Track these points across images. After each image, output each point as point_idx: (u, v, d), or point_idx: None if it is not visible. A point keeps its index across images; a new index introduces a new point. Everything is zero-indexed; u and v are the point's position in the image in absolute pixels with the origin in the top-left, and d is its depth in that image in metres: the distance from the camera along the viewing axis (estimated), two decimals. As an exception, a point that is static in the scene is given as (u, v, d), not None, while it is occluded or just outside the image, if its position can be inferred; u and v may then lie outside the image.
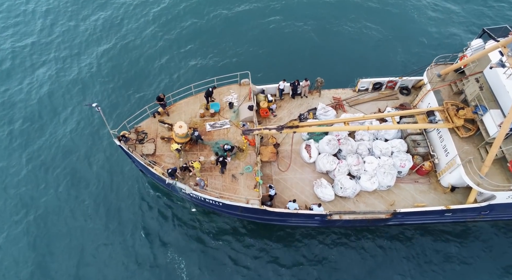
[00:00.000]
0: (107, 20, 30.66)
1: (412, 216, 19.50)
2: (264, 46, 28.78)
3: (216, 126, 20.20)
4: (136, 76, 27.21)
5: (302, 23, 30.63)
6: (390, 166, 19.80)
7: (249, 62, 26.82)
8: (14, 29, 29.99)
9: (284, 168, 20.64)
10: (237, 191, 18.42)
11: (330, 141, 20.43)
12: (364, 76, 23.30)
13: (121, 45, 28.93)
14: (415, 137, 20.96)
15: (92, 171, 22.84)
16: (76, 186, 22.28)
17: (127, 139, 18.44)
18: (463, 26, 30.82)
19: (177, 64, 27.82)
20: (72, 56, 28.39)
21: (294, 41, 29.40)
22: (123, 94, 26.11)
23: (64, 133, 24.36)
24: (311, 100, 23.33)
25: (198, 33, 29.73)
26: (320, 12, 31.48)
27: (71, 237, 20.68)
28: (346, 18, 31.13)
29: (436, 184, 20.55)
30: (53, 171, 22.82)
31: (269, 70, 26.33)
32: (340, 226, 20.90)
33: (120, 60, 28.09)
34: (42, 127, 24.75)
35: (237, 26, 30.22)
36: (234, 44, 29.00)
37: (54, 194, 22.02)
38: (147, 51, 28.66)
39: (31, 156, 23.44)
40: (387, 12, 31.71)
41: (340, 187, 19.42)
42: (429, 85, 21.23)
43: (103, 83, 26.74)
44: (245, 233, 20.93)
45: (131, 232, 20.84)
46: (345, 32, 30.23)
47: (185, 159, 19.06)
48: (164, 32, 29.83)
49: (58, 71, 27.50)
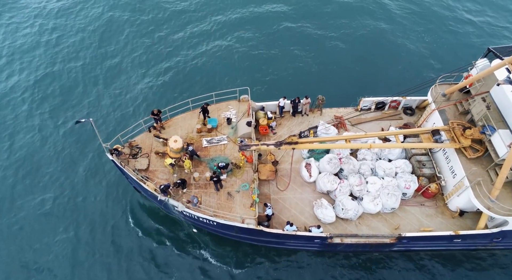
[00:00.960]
0: (106, 30, 30.95)
1: (419, 241, 18.29)
2: (264, 63, 28.60)
3: (213, 142, 19.55)
4: (132, 89, 26.88)
5: (304, 41, 30.63)
6: (394, 187, 18.84)
7: (249, 79, 26.59)
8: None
9: (283, 187, 19.74)
10: (233, 209, 17.49)
11: (331, 159, 19.62)
12: (367, 95, 22.82)
13: (122, 58, 28.93)
14: (420, 157, 20.10)
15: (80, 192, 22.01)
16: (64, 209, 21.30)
17: (120, 153, 17.80)
18: (468, 46, 30.70)
19: (175, 78, 27.53)
20: (66, 67, 28.34)
21: (295, 58, 29.24)
22: (118, 107, 25.65)
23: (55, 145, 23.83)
24: (312, 119, 22.73)
25: (197, 47, 29.74)
26: (322, 29, 31.58)
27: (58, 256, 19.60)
28: (348, 36, 31.16)
29: (443, 207, 19.44)
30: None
31: (270, 87, 26.07)
32: (342, 251, 19.64)
33: (118, 73, 27.95)
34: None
35: (238, 41, 30.25)
36: (235, 59, 28.84)
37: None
38: (144, 64, 28.58)
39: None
40: (390, 32, 31.76)
41: (341, 208, 18.39)
42: (433, 104, 20.62)
43: (97, 96, 26.37)
44: (245, 256, 19.68)
45: (125, 254, 19.72)
46: (347, 50, 30.12)
47: (179, 175, 18.29)
48: (163, 43, 29.92)
49: (51, 81, 27.37)
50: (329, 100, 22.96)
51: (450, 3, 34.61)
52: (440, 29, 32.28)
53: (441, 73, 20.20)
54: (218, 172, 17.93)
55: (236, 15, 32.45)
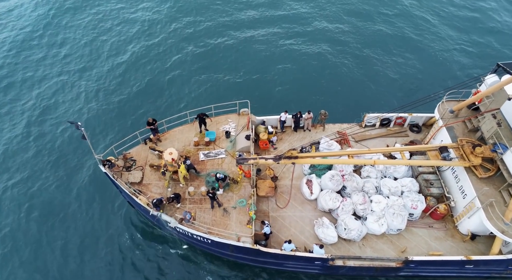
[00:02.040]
0: (104, 41, 31.06)
1: (427, 266, 17.02)
2: (266, 76, 28.19)
3: (211, 155, 18.86)
4: (129, 100, 26.55)
5: (308, 55, 30.32)
6: (400, 206, 17.78)
7: (250, 92, 26.07)
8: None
9: (283, 204, 18.79)
10: (228, 226, 16.55)
11: (334, 176, 18.72)
12: (371, 111, 22.11)
13: (117, 68, 28.83)
14: (428, 176, 19.09)
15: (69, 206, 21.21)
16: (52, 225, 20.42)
17: (113, 165, 17.15)
18: (476, 62, 30.15)
19: (174, 90, 27.17)
20: (62, 76, 28.29)
21: (298, 72, 28.79)
22: (114, 118, 25.20)
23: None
24: (314, 134, 22.01)
25: (199, 59, 29.57)
26: (327, 43, 31.33)
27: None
28: (353, 50, 30.81)
29: (453, 230, 18.24)
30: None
31: (271, 101, 25.48)
32: (344, 275, 18.37)
33: (114, 83, 27.74)
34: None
35: (239, 54, 30.05)
36: (236, 72, 28.53)
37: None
38: (143, 74, 28.35)
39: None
40: (397, 47, 31.36)
41: (344, 227, 17.32)
42: (441, 121, 19.81)
43: (92, 105, 26.02)
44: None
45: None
46: (352, 64, 29.67)
47: (173, 189, 17.51)
48: (163, 55, 29.83)
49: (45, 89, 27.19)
50: (332, 115, 22.34)
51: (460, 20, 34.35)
52: (449, 44, 31.84)
53: (449, 89, 19.42)
54: (215, 185, 17.12)
55: (239, 24, 32.62)
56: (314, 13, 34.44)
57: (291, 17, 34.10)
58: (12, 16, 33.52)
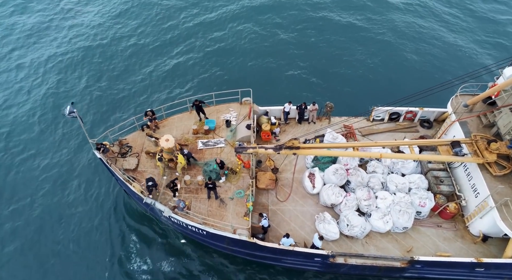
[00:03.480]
0: (111, 25, 30.58)
1: (435, 267, 16.00)
2: (272, 66, 27.21)
3: (209, 144, 18.13)
4: (128, 86, 25.96)
5: (315, 44, 29.23)
6: (407, 203, 16.78)
7: (254, 81, 25.17)
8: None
9: (283, 197, 17.97)
10: (224, 218, 15.80)
11: (338, 170, 17.81)
12: (380, 104, 21.08)
13: (123, 51, 28.33)
14: (438, 173, 18.04)
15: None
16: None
17: (107, 150, 16.54)
18: (494, 54, 28.78)
19: (176, 76, 26.43)
20: (62, 60, 27.90)
21: (304, 62, 27.71)
22: (111, 103, 24.62)
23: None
24: (319, 127, 21.02)
25: (207, 46, 28.83)
26: (336, 33, 30.14)
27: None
28: (364, 40, 29.58)
29: (464, 231, 17.16)
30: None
31: (275, 91, 24.54)
32: (345, 273, 17.46)
33: (118, 67, 27.21)
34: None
35: (245, 43, 29.15)
36: (240, 61, 27.65)
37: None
38: (149, 58, 27.77)
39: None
40: (409, 38, 30.03)
41: (346, 223, 16.41)
42: (453, 115, 18.73)
43: (90, 91, 25.51)
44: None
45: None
46: (361, 55, 28.43)
47: (169, 177, 16.84)
48: (172, 40, 29.24)
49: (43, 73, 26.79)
50: (338, 108, 21.38)
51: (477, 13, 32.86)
52: (468, 36, 30.38)
53: (462, 77, 18.21)
54: (212, 175, 16.40)
55: (244, 11, 31.73)
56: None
57: (304, 2, 33.00)
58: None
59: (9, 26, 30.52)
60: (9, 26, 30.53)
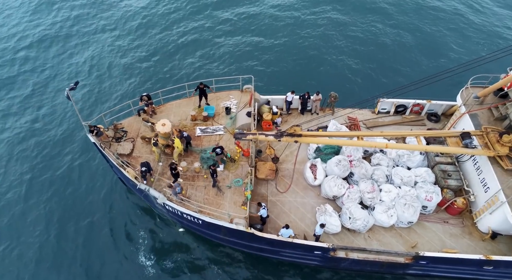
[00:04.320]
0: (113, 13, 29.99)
1: (440, 264, 15.23)
2: (275, 55, 26.37)
3: (208, 131, 17.46)
4: (127, 68, 25.27)
5: (321, 32, 28.31)
6: (412, 197, 16.02)
7: (257, 70, 24.43)
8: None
9: (283, 188, 17.28)
10: (221, 206, 15.11)
11: (340, 161, 17.08)
12: (386, 96, 20.28)
13: (129, 33, 27.75)
14: (446, 167, 17.25)
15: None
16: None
17: (101, 133, 15.90)
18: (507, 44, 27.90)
19: (176, 61, 25.62)
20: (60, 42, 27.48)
21: (309, 50, 26.82)
22: (109, 86, 23.94)
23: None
24: (323, 118, 20.34)
25: (213, 31, 28.08)
26: (343, 21, 29.20)
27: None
28: (373, 30, 28.60)
29: (471, 227, 16.38)
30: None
31: (278, 81, 23.73)
32: (346, 269, 16.72)
33: (122, 48, 26.60)
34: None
35: (249, 30, 28.37)
36: (242, 47, 26.84)
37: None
38: (154, 39, 27.12)
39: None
40: (418, 28, 29.03)
41: (348, 216, 15.68)
42: (463, 107, 17.95)
43: (88, 72, 24.97)
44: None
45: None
46: (369, 45, 27.45)
47: (165, 163, 16.18)
48: (179, 21, 28.61)
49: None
50: (342, 100, 20.63)
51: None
52: (482, 29, 29.40)
53: (471, 61, 17.31)
54: (210, 162, 15.71)
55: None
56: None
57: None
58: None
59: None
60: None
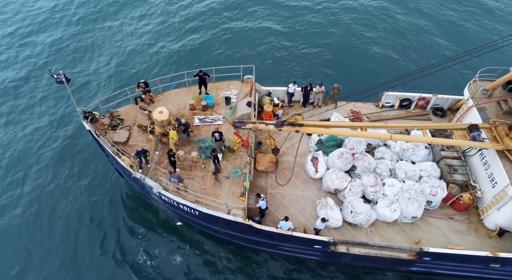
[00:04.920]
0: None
1: (445, 261, 14.66)
2: (279, 46, 25.76)
3: (207, 121, 16.98)
4: (127, 55, 24.83)
5: (326, 21, 27.74)
6: (417, 191, 15.46)
7: (259, 61, 23.84)
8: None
9: (283, 181, 16.77)
10: (219, 197, 14.60)
11: (343, 153, 16.55)
12: (390, 89, 19.75)
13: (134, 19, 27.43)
14: (452, 161, 16.69)
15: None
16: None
17: (96, 119, 15.43)
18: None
19: (176, 48, 25.15)
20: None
21: (313, 41, 26.19)
22: (107, 73, 23.52)
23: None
24: (325, 111, 19.80)
25: (213, 25, 27.57)
26: (350, 11, 28.59)
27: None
28: (377, 19, 27.98)
29: (478, 224, 15.80)
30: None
31: (279, 72, 23.18)
32: (347, 265, 16.17)
33: (114, 37, 26.25)
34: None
35: (252, 21, 27.84)
36: (244, 37, 26.29)
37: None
38: (158, 23, 26.80)
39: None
40: (428, 17, 28.36)
41: (350, 210, 15.13)
42: (471, 101, 17.39)
43: (85, 59, 24.60)
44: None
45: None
46: (375, 37, 26.80)
47: (161, 152, 15.71)
48: (175, 15, 28.20)
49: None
50: (346, 92, 20.07)
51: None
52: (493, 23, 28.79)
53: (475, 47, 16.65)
54: (207, 152, 15.25)
55: None
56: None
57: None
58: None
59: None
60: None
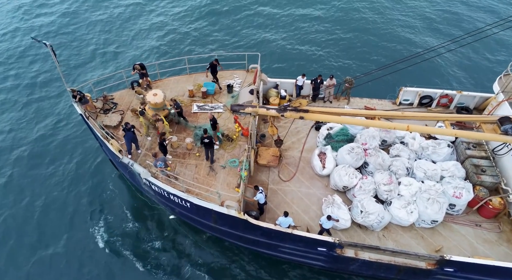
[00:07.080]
0: None
1: (470, 273, 12.54)
2: (289, 36, 24.51)
3: (205, 108, 15.76)
4: (126, 36, 24.27)
5: (342, 12, 26.49)
6: (438, 192, 13.56)
7: (268, 50, 22.62)
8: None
9: (287, 177, 15.21)
10: (213, 187, 13.15)
11: (354, 148, 14.90)
12: (409, 85, 18.11)
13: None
14: (479, 161, 14.75)
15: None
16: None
17: (86, 100, 14.46)
18: None
19: (179, 33, 24.26)
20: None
21: (332, 28, 24.95)
22: (103, 56, 22.80)
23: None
24: (336, 107, 18.29)
25: (217, 13, 26.79)
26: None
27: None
28: (398, 11, 26.51)
29: (510, 233, 13.66)
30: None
31: (289, 64, 21.85)
32: (356, 273, 14.21)
33: (116, 22, 25.82)
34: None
35: (263, 8, 26.95)
36: (251, 27, 25.25)
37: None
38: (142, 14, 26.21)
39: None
40: (453, 11, 26.80)
41: (360, 210, 13.35)
42: (501, 95, 15.56)
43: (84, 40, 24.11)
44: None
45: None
46: (394, 27, 25.22)
47: (154, 138, 14.51)
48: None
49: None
50: (359, 88, 18.52)
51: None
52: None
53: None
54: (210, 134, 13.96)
55: None
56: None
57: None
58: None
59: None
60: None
